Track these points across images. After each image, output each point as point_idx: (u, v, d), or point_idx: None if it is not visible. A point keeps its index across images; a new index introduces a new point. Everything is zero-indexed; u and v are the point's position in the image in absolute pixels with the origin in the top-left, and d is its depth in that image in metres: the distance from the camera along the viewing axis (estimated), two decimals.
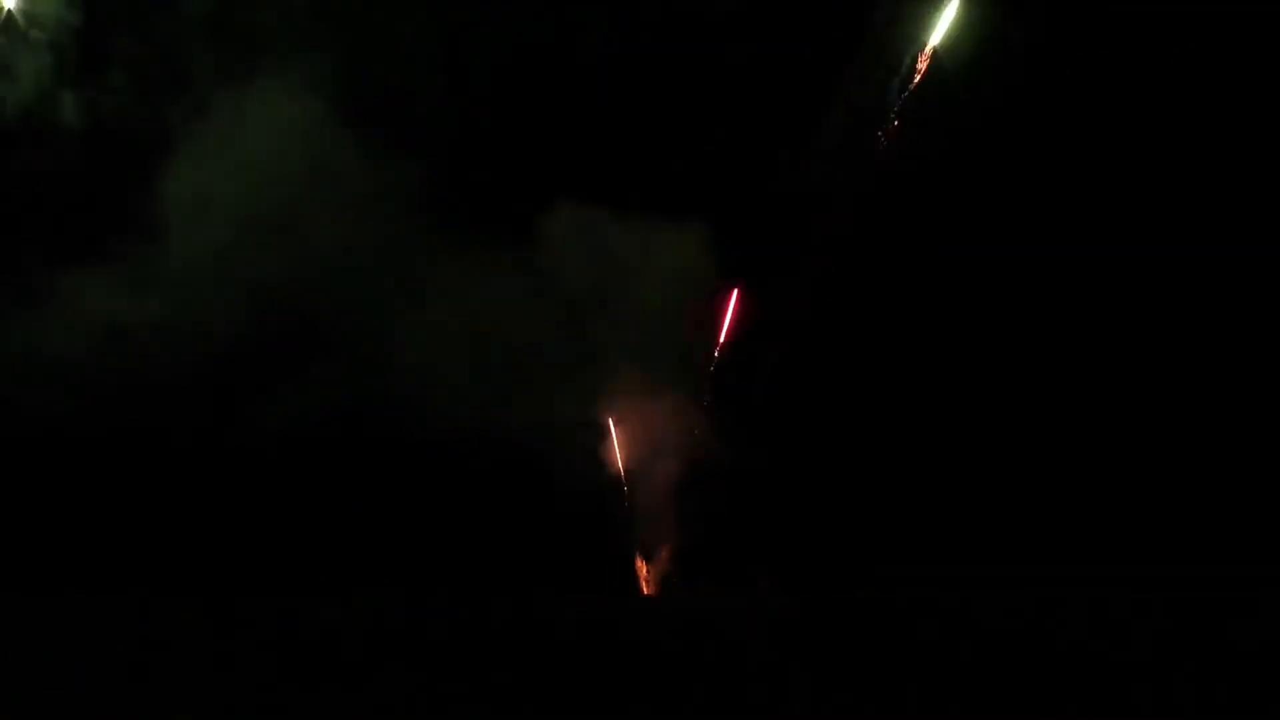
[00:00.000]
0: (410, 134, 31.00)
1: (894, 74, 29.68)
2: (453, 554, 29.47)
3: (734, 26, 30.60)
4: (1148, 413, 28.13)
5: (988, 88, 28.68)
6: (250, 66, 30.78)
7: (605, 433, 31.50)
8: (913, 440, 29.13)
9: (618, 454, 31.21)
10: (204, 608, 25.97)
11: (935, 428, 29.04)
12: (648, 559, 30.86)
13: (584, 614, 25.12)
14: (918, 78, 29.48)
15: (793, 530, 29.17)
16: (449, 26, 31.52)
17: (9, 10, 30.58)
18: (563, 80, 31.44)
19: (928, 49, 29.35)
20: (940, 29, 29.35)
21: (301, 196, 30.49)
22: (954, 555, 27.89)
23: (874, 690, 12.96)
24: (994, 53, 28.66)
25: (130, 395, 29.57)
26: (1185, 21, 27.80)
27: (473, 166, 31.64)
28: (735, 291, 31.10)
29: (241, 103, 30.56)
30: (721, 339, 30.99)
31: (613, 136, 31.21)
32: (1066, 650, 16.37)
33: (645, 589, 30.78)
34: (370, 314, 30.89)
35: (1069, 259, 28.86)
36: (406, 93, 31.24)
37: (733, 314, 30.96)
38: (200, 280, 30.32)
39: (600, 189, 31.34)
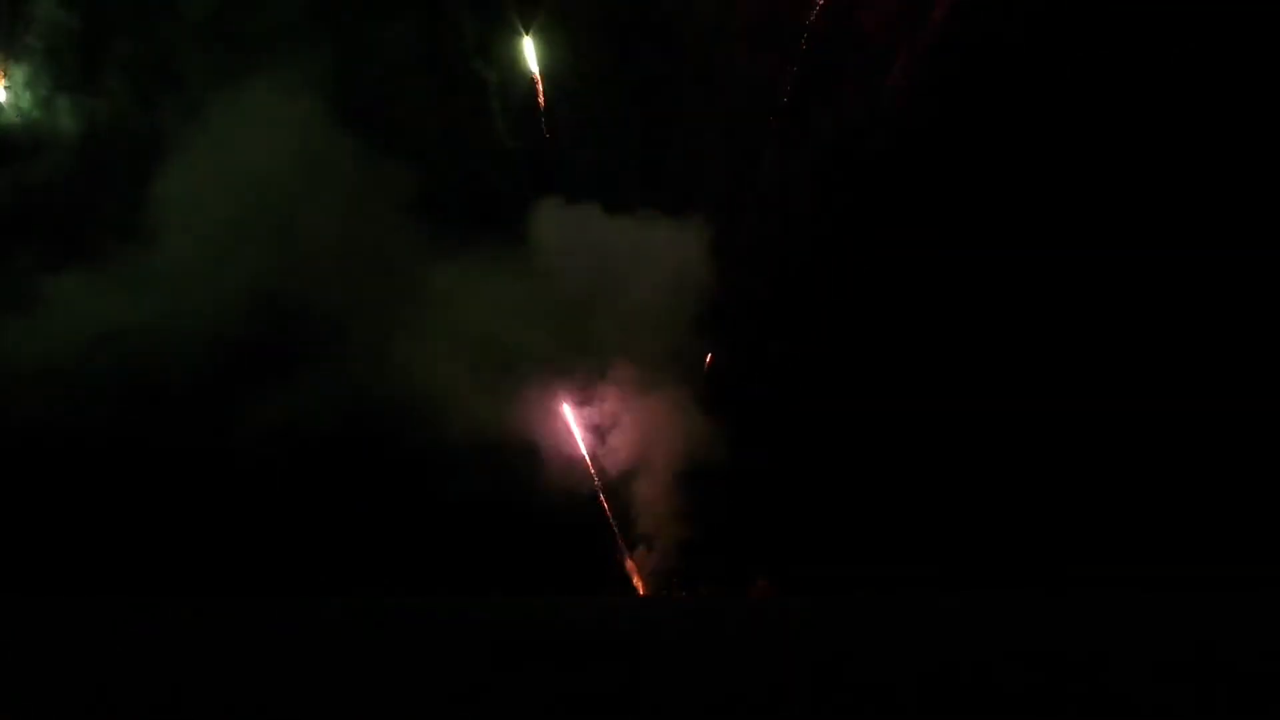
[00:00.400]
0: (404, 137, 31.06)
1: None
2: (452, 554, 29.48)
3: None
4: (1147, 413, 28.13)
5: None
6: (245, 72, 30.78)
7: (562, 420, 31.25)
8: (911, 441, 29.14)
9: (578, 438, 31.01)
10: (205, 608, 25.98)
11: (934, 428, 29.05)
12: (645, 559, 30.87)
13: (584, 614, 25.15)
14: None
15: (792, 530, 29.18)
16: (443, 28, 31.61)
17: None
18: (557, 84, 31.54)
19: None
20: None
21: (298, 201, 30.48)
22: (953, 555, 27.92)
23: (873, 690, 12.95)
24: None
25: (130, 399, 29.57)
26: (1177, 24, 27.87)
27: (467, 169, 31.71)
28: None
29: (235, 109, 30.54)
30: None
31: (607, 136, 31.27)
32: (1066, 650, 16.39)
33: (642, 589, 30.81)
34: (369, 318, 30.91)
35: (1067, 260, 28.89)
36: (399, 95, 31.30)
37: None
38: (199, 285, 30.32)
39: (593, 187, 31.42)
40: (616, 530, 30.65)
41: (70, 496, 29.46)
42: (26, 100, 30.90)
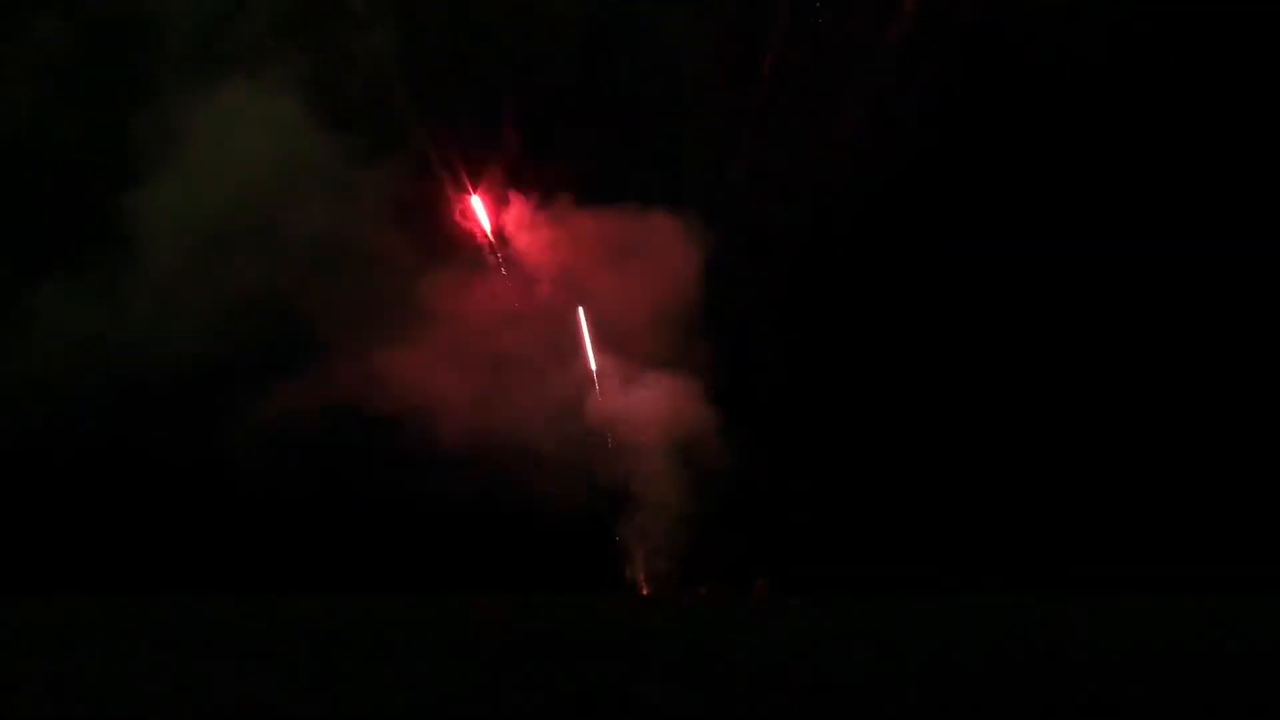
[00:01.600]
0: (391, 140, 31.11)
1: None
2: (453, 555, 29.48)
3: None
4: (1146, 413, 28.15)
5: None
6: (227, 80, 30.75)
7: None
8: (911, 441, 29.15)
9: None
10: (204, 609, 26.00)
11: (934, 429, 29.06)
12: (646, 559, 30.86)
13: (584, 614, 25.15)
14: None
15: (792, 531, 29.18)
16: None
17: None
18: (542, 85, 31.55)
19: None
20: None
21: (282, 206, 30.46)
22: (952, 556, 27.92)
23: (873, 690, 12.95)
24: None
25: (117, 406, 29.57)
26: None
27: (454, 171, 31.75)
28: None
29: (219, 117, 30.49)
30: None
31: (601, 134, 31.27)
32: (1066, 650, 16.42)
33: (644, 589, 30.82)
34: (357, 322, 30.90)
35: (1068, 260, 28.89)
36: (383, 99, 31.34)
37: None
38: (185, 292, 30.30)
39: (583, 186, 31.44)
40: (615, 530, 30.66)
41: (58, 501, 29.52)
42: (9, 110, 30.93)
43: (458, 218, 31.45)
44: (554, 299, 31.05)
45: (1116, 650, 16.93)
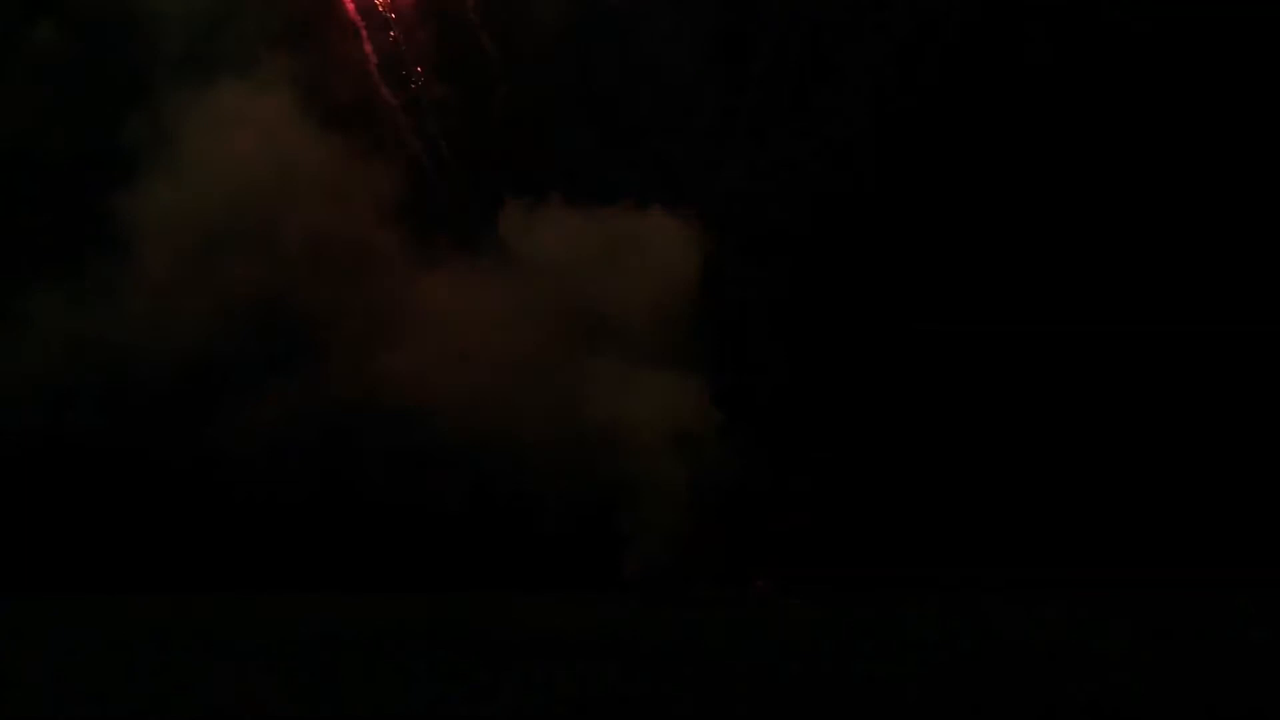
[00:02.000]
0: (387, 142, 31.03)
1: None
2: (453, 555, 29.48)
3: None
4: (1146, 412, 28.16)
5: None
6: (221, 80, 30.70)
7: None
8: (911, 442, 29.13)
9: None
10: (200, 608, 26.01)
11: (935, 428, 29.05)
12: (646, 558, 30.84)
13: (584, 614, 25.16)
14: None
15: (792, 531, 29.16)
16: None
17: None
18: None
19: None
20: None
21: (276, 206, 30.40)
22: (952, 556, 27.91)
23: (874, 690, 12.94)
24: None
25: (123, 405, 29.55)
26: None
27: (449, 172, 31.71)
28: None
29: (213, 118, 30.44)
30: None
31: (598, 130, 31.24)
32: (1065, 650, 16.41)
33: (644, 589, 30.79)
34: (352, 324, 30.85)
35: (1065, 260, 28.87)
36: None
37: None
38: (179, 294, 30.25)
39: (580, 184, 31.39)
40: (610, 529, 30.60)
41: (57, 501, 29.52)
42: (8, 111, 30.89)
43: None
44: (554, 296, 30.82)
45: (1116, 650, 16.92)
